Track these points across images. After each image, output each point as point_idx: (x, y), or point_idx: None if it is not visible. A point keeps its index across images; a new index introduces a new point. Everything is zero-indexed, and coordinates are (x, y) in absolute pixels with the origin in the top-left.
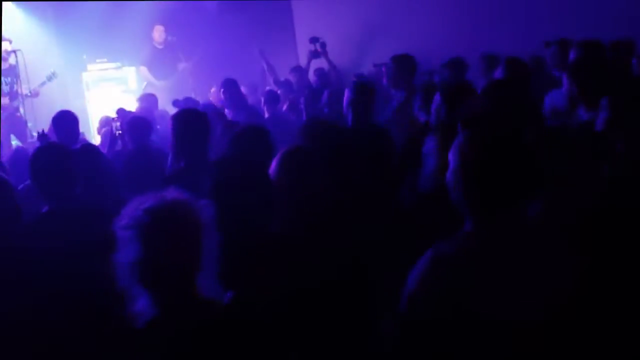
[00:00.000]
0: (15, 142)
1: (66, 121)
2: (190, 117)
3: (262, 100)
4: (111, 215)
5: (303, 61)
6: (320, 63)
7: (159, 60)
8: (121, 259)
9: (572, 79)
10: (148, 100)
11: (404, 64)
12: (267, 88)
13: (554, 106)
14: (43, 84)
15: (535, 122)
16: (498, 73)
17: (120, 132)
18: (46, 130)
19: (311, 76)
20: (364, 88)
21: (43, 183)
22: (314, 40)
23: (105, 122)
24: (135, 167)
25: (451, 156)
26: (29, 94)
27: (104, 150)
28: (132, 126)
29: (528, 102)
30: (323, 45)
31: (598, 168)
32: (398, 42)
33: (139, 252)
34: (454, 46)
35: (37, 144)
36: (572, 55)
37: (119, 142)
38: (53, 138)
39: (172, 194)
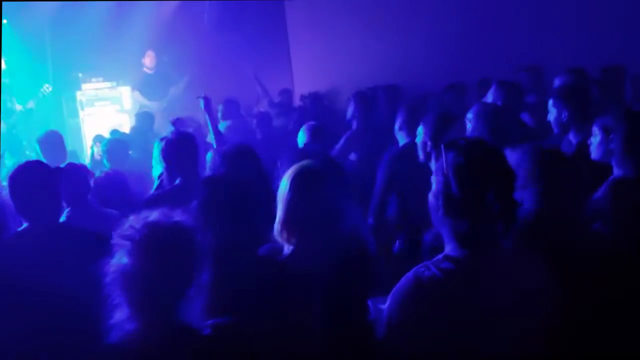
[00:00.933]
0: (9, 160)
1: (52, 141)
2: (182, 138)
3: (255, 121)
4: (92, 233)
5: (297, 82)
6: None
7: (150, 84)
8: (111, 268)
9: (562, 104)
10: (143, 118)
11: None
12: (261, 109)
13: None
14: (36, 97)
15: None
16: (490, 95)
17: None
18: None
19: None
20: None
21: (23, 201)
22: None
23: None
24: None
25: (433, 178)
26: (23, 109)
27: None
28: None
29: (516, 123)
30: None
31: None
32: (393, 65)
33: (130, 264)
34: (450, 69)
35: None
36: (557, 82)
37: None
38: None
39: (171, 212)
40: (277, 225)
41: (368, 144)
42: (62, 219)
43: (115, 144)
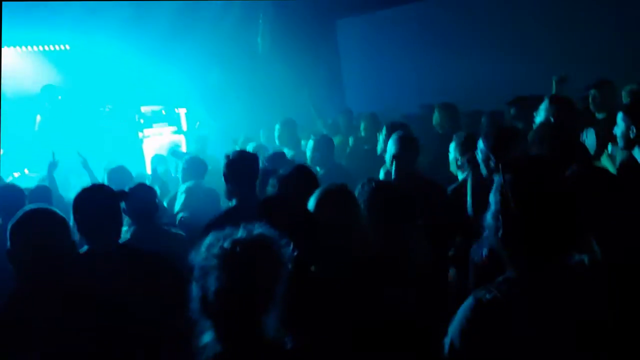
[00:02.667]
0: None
1: (119, 174)
2: (241, 159)
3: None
4: (157, 255)
5: (349, 102)
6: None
7: (211, 101)
8: (197, 289)
9: (631, 120)
10: (199, 140)
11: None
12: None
13: None
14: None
15: (582, 162)
16: (542, 114)
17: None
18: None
19: None
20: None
21: (86, 223)
22: None
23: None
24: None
25: (492, 198)
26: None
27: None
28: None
29: (574, 143)
30: None
31: None
32: (444, 84)
33: (219, 282)
34: (500, 86)
35: None
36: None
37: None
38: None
39: (259, 228)
40: None
41: None
42: (126, 237)
43: (193, 161)
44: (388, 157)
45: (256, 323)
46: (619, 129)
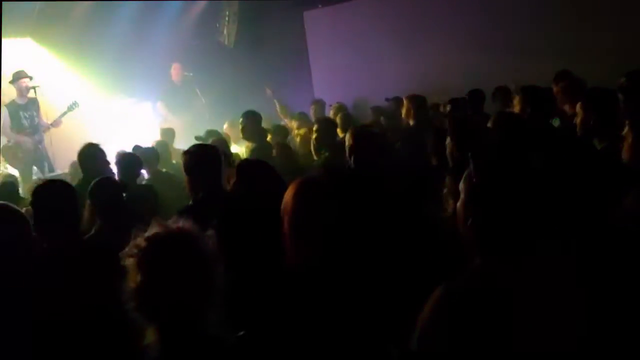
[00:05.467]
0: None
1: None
2: (203, 151)
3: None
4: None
5: (318, 94)
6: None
7: (175, 97)
8: (126, 289)
9: (589, 108)
10: (166, 134)
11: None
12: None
13: None
14: (64, 113)
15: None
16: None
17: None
18: None
19: None
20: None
21: (43, 218)
22: None
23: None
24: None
25: (461, 187)
26: (50, 125)
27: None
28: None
29: (540, 130)
30: None
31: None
32: (412, 74)
33: (139, 281)
34: (469, 76)
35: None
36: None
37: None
38: None
39: (177, 223)
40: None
41: None
42: (92, 233)
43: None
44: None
45: (193, 319)
46: (578, 117)
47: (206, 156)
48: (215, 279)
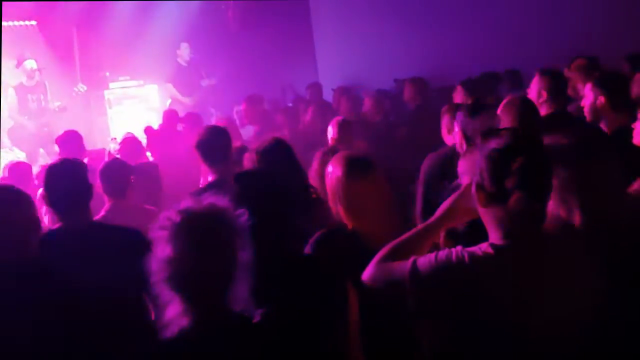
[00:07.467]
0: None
1: (71, 141)
2: (212, 134)
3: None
4: (127, 230)
5: (322, 77)
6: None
7: (183, 77)
8: (154, 261)
9: (600, 89)
10: (169, 116)
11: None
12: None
13: None
14: (70, 98)
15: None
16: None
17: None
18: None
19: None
20: None
21: (57, 198)
22: None
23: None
24: None
25: (472, 168)
26: (56, 110)
27: None
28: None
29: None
30: None
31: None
32: (417, 57)
33: (171, 253)
34: (473, 62)
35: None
36: None
37: None
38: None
39: (209, 198)
40: None
41: None
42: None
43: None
44: None
45: (220, 294)
46: (587, 100)
47: (216, 137)
48: (245, 254)
